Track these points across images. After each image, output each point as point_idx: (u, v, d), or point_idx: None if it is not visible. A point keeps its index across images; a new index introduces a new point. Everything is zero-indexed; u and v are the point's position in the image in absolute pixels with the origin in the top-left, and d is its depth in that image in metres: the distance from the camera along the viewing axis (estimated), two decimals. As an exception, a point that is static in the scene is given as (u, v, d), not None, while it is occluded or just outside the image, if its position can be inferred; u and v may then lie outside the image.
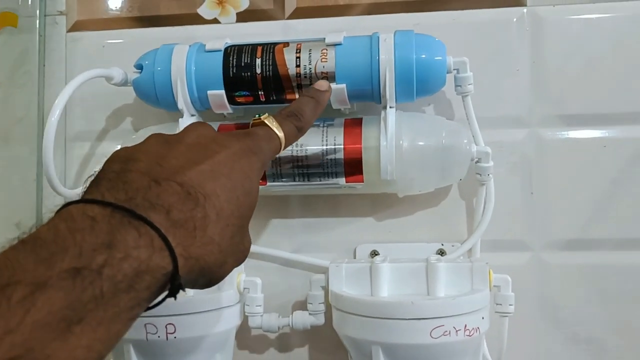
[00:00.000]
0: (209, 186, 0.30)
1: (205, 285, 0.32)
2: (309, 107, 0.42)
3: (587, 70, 0.54)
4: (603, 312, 0.54)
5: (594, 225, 0.54)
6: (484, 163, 0.51)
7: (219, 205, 0.30)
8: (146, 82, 0.52)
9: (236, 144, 0.34)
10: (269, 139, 0.38)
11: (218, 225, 0.30)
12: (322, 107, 0.44)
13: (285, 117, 0.40)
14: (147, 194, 0.29)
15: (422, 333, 0.43)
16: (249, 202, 0.33)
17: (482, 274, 0.47)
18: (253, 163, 0.34)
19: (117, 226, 0.27)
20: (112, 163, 0.32)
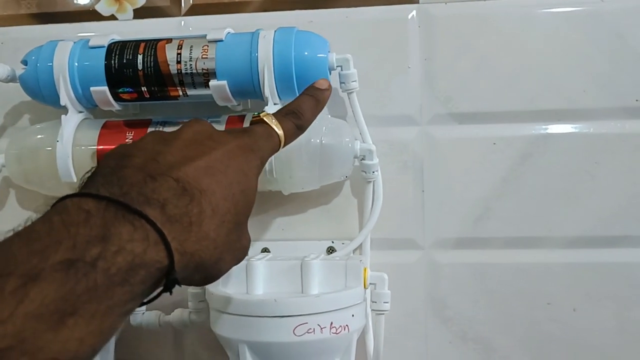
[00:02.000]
0: (204, 182, 0.31)
1: (202, 282, 0.32)
2: (308, 105, 0.42)
3: (478, 68, 0.54)
4: (491, 311, 0.54)
5: (483, 223, 0.54)
6: (369, 160, 0.51)
7: (214, 201, 0.30)
8: (31, 78, 0.52)
9: (233, 141, 0.34)
10: (268, 137, 0.37)
11: (214, 222, 0.30)
12: (322, 105, 0.44)
13: (284, 115, 0.40)
14: (143, 188, 0.29)
15: (285, 331, 0.43)
16: (245, 199, 0.33)
17: (355, 271, 0.47)
18: (250, 160, 0.34)
19: (111, 220, 0.27)
20: (108, 159, 0.32)
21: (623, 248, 0.53)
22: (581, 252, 0.53)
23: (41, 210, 0.28)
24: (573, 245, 0.53)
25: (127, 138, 0.51)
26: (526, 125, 0.54)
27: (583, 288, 0.53)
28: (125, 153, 0.32)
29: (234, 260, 0.33)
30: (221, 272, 0.32)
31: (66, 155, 0.51)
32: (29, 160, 0.53)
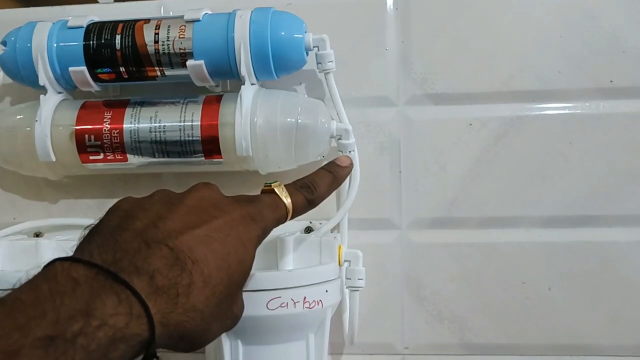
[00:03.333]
0: (200, 251, 0.31)
1: (187, 350, 0.32)
2: (324, 181, 0.43)
3: (453, 50, 0.55)
4: (466, 290, 0.54)
5: (458, 203, 0.54)
6: (345, 140, 0.52)
7: (207, 271, 0.31)
8: (10, 58, 0.52)
9: (237, 210, 0.35)
10: (275, 208, 0.38)
11: (204, 293, 0.30)
12: (340, 182, 0.44)
13: (297, 188, 0.40)
14: (135, 256, 0.29)
15: (258, 304, 0.44)
16: (241, 269, 0.33)
17: (330, 248, 0.48)
18: (252, 230, 0.34)
19: (98, 290, 0.27)
20: (112, 215, 0.33)
21: (596, 227, 0.53)
22: (555, 232, 0.53)
23: (31, 274, 0.29)
24: (547, 225, 0.54)
25: (105, 118, 0.51)
26: (501, 106, 0.54)
27: (557, 267, 0.53)
28: (130, 213, 0.33)
29: (222, 329, 0.34)
30: (207, 341, 0.33)
31: (44, 135, 0.51)
32: (7, 140, 0.53)
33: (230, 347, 0.45)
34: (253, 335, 0.45)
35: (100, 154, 0.51)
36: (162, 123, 0.50)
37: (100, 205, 0.58)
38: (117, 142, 0.51)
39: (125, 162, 0.51)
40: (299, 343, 0.46)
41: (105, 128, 0.51)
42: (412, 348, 0.55)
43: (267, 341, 0.45)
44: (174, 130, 0.50)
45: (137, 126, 0.50)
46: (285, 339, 0.46)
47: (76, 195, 0.58)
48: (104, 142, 0.51)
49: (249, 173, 0.54)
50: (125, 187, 0.58)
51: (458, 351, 0.54)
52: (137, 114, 0.51)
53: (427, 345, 0.55)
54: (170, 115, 0.50)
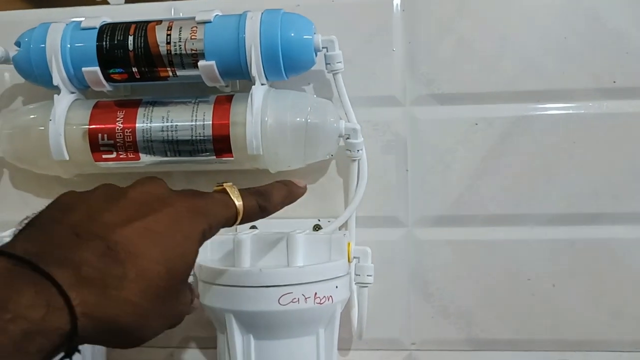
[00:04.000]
0: (137, 244, 0.30)
1: (123, 345, 0.31)
2: (279, 192, 0.42)
3: (459, 51, 0.56)
4: (472, 286, 0.55)
5: (464, 201, 0.55)
6: (353, 139, 0.53)
7: (143, 265, 0.30)
8: (24, 59, 0.53)
9: (183, 202, 0.33)
10: (224, 206, 0.36)
11: (138, 286, 0.29)
12: (293, 198, 0.43)
13: (251, 193, 0.39)
14: (62, 248, 0.29)
15: (270, 300, 0.45)
16: (182, 263, 0.32)
17: (340, 245, 0.49)
18: (197, 224, 0.33)
19: (15, 282, 0.26)
20: (51, 208, 0.32)
21: (600, 225, 0.54)
22: (560, 229, 0.54)
23: None
24: (552, 223, 0.54)
25: (118, 117, 0.52)
26: (506, 105, 0.55)
27: (562, 264, 0.54)
28: (69, 206, 0.32)
29: (165, 327, 0.32)
30: (147, 338, 0.31)
31: (58, 134, 0.52)
32: (22, 139, 0.54)
33: (242, 341, 0.46)
34: (265, 330, 0.46)
35: (113, 153, 0.52)
36: (174, 122, 0.51)
37: (111, 204, 0.59)
38: (130, 141, 0.52)
39: (137, 160, 0.52)
40: (310, 338, 0.47)
41: (118, 127, 0.52)
42: (419, 343, 0.56)
43: (279, 336, 0.46)
44: (185, 129, 0.51)
45: (150, 125, 0.51)
46: (296, 334, 0.47)
47: (88, 193, 0.59)
48: (117, 141, 0.52)
49: (259, 171, 0.55)
50: (136, 186, 0.58)
51: (464, 346, 0.55)
52: (149, 113, 0.52)
53: (433, 340, 0.56)
54: (182, 114, 0.51)
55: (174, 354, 0.58)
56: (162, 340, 0.56)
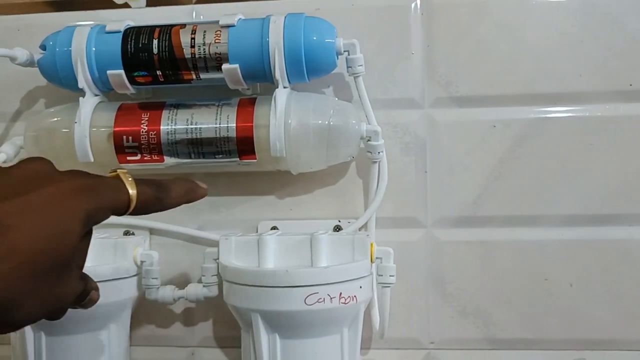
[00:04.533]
0: (14, 219, 0.29)
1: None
2: (178, 185, 0.40)
3: (477, 54, 0.56)
4: (490, 286, 0.56)
5: (482, 202, 0.56)
6: (374, 141, 0.53)
7: (17, 240, 0.28)
8: (49, 62, 0.54)
9: (69, 181, 0.32)
10: (115, 189, 0.35)
11: (9, 262, 0.28)
12: (193, 196, 0.41)
13: (147, 183, 0.37)
14: None
15: (296, 300, 0.45)
16: (63, 242, 0.30)
17: (363, 245, 0.49)
18: (82, 203, 0.32)
19: None
20: None
21: (616, 226, 0.55)
22: (577, 230, 0.55)
23: None
24: (569, 223, 0.55)
25: (143, 120, 0.53)
26: (524, 108, 0.56)
27: (579, 264, 0.55)
28: None
29: (43, 309, 0.30)
30: (20, 319, 0.30)
31: (84, 136, 0.53)
32: (47, 141, 0.55)
33: (268, 341, 0.47)
34: (291, 329, 0.47)
35: (137, 155, 0.53)
36: (198, 125, 0.52)
37: (133, 205, 0.59)
38: (154, 143, 0.52)
39: (162, 162, 0.53)
40: (334, 337, 0.48)
41: (142, 130, 0.52)
42: (438, 342, 0.57)
43: (304, 335, 0.47)
44: (209, 131, 0.52)
45: (174, 128, 0.52)
46: (321, 333, 0.47)
47: (109, 194, 0.60)
48: (142, 143, 0.52)
49: (280, 173, 0.56)
50: (158, 187, 0.59)
51: (482, 345, 0.56)
52: (174, 116, 0.53)
53: (452, 339, 0.56)
54: (206, 117, 0.52)
55: (195, 353, 0.59)
56: (183, 339, 0.57)
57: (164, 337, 0.59)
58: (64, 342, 0.50)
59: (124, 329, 0.53)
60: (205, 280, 0.53)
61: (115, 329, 0.52)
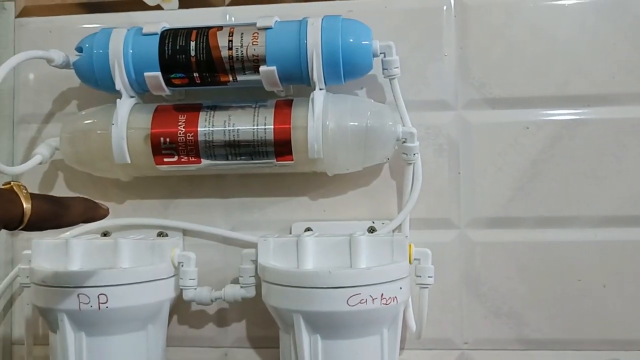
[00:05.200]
0: None
1: None
2: (78, 203, 0.40)
3: (510, 56, 0.57)
4: (523, 287, 0.56)
5: (515, 204, 0.56)
6: (410, 143, 0.54)
7: None
8: (86, 64, 0.54)
9: None
10: (7, 202, 0.35)
11: None
12: (93, 215, 0.41)
13: (45, 198, 0.37)
14: None
15: (339, 301, 0.46)
16: None
17: (401, 247, 0.50)
18: None
19: None
20: None
21: (650, 227, 0.55)
22: (610, 231, 0.56)
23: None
24: (602, 224, 0.56)
25: (180, 122, 0.53)
26: (556, 110, 0.56)
27: (612, 265, 0.56)
28: None
29: None
30: None
31: (121, 137, 0.53)
32: (82, 142, 0.55)
33: (310, 341, 0.47)
34: (333, 330, 0.47)
35: (174, 156, 0.53)
36: (236, 127, 0.52)
37: (165, 205, 0.60)
38: (192, 144, 0.53)
39: (199, 164, 0.53)
40: (374, 338, 0.48)
41: (180, 131, 0.53)
42: (471, 343, 0.57)
43: (345, 335, 0.47)
44: (247, 133, 0.52)
45: (212, 129, 0.52)
46: (361, 334, 0.48)
47: (142, 195, 0.60)
48: (179, 144, 0.53)
49: (313, 175, 0.57)
50: (190, 188, 0.60)
51: (515, 346, 0.56)
52: (211, 117, 0.53)
53: (485, 340, 0.57)
54: (244, 119, 0.52)
55: (228, 354, 0.59)
56: (216, 339, 0.57)
57: (197, 338, 0.59)
58: (103, 342, 0.50)
59: (161, 330, 0.53)
60: (243, 282, 0.53)
61: (153, 330, 0.52)
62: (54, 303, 0.49)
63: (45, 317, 0.51)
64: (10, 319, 0.62)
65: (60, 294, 0.49)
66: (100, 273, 0.49)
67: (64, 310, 0.49)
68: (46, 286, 0.49)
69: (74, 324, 0.49)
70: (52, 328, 0.51)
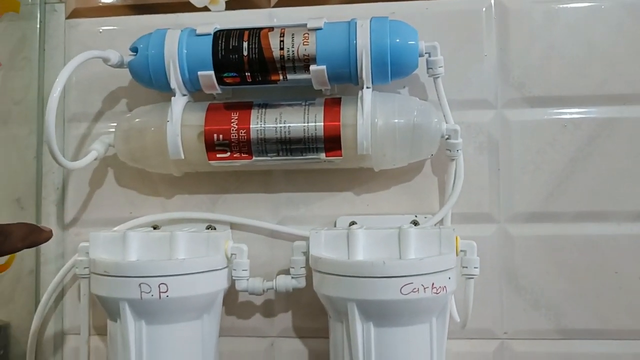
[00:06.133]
0: None
1: None
2: (18, 228, 0.40)
3: (549, 56, 0.59)
4: (562, 280, 0.58)
5: (554, 199, 0.58)
6: (453, 140, 0.56)
7: None
8: (141, 64, 0.56)
9: None
10: None
11: None
12: (35, 239, 0.41)
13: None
14: None
15: (393, 290, 0.48)
16: None
17: (449, 239, 0.51)
18: None
19: None
20: None
21: (684, 221, 0.57)
22: (645, 225, 0.58)
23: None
24: (638, 219, 0.58)
25: (232, 119, 0.55)
26: (594, 108, 0.58)
27: (647, 258, 0.58)
28: None
29: None
30: None
31: (175, 134, 0.55)
32: (136, 139, 0.57)
33: (363, 329, 0.49)
34: (385, 318, 0.49)
35: (227, 152, 0.55)
36: (287, 124, 0.54)
37: (213, 200, 0.62)
38: (244, 141, 0.55)
39: (250, 160, 0.55)
40: (424, 326, 0.50)
41: (233, 128, 0.55)
42: (511, 333, 0.59)
43: (397, 323, 0.49)
44: (298, 130, 0.54)
45: (264, 126, 0.54)
46: (412, 322, 0.50)
47: (190, 190, 0.62)
48: (232, 141, 0.55)
49: (357, 171, 0.59)
50: (237, 183, 0.62)
51: (554, 336, 0.58)
52: (262, 115, 0.55)
53: (524, 330, 0.59)
54: (294, 116, 0.54)
55: (274, 343, 0.61)
56: (263, 330, 0.59)
57: (245, 328, 0.61)
58: (162, 331, 0.52)
59: (215, 319, 0.55)
60: (294, 272, 0.55)
61: (208, 319, 0.54)
62: (116, 292, 0.51)
63: (106, 306, 0.53)
64: (62, 310, 0.64)
65: (122, 283, 0.50)
66: (160, 264, 0.51)
67: (125, 299, 0.51)
68: (109, 276, 0.51)
69: (135, 313, 0.51)
70: (112, 317, 0.53)
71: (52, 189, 0.64)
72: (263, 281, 0.56)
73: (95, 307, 0.61)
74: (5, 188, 0.62)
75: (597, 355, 0.58)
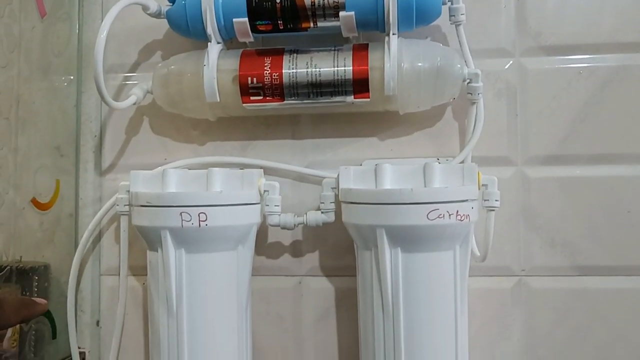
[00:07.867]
0: None
1: None
2: (11, 303, 0.40)
3: (564, 6, 0.62)
4: (576, 219, 0.61)
5: (569, 143, 0.61)
6: (475, 83, 0.59)
7: None
8: (178, 12, 0.59)
9: None
10: None
11: None
12: (29, 312, 0.41)
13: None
14: None
15: (420, 215, 0.51)
16: None
17: (471, 173, 0.55)
18: None
19: None
20: None
21: (694, 162, 0.60)
22: (656, 167, 0.61)
23: None
24: (649, 161, 0.61)
25: (266, 64, 0.58)
26: (607, 56, 0.61)
27: (658, 198, 0.61)
28: None
29: None
30: None
31: (212, 77, 0.58)
32: (175, 84, 0.60)
33: (391, 254, 0.52)
34: (412, 243, 0.52)
35: (260, 95, 0.58)
36: (317, 68, 0.57)
37: (244, 147, 0.65)
38: (277, 84, 0.58)
39: (281, 102, 0.59)
40: (448, 253, 0.53)
41: (266, 72, 0.58)
42: (528, 270, 0.62)
43: (423, 249, 0.52)
44: (328, 74, 0.57)
45: (295, 71, 0.58)
46: (438, 248, 0.53)
47: (222, 137, 0.65)
48: (265, 84, 0.58)
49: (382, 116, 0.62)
50: (267, 130, 0.65)
51: (569, 272, 0.61)
52: (294, 60, 0.58)
53: (541, 267, 0.62)
54: (325, 61, 0.58)
55: (302, 282, 0.64)
56: (291, 269, 0.62)
57: (273, 267, 0.64)
58: (201, 259, 0.55)
59: (249, 252, 0.58)
60: (324, 207, 0.58)
61: (243, 251, 0.57)
62: (158, 221, 0.54)
63: (148, 236, 0.56)
64: (99, 252, 0.67)
65: (164, 213, 0.54)
66: (200, 194, 0.54)
67: (167, 227, 0.54)
68: (151, 206, 0.54)
69: (175, 241, 0.54)
70: (153, 247, 0.56)
71: (90, 136, 0.67)
72: (294, 216, 0.59)
73: (131, 247, 0.64)
74: (47, 136, 0.65)
75: (610, 290, 0.61)
